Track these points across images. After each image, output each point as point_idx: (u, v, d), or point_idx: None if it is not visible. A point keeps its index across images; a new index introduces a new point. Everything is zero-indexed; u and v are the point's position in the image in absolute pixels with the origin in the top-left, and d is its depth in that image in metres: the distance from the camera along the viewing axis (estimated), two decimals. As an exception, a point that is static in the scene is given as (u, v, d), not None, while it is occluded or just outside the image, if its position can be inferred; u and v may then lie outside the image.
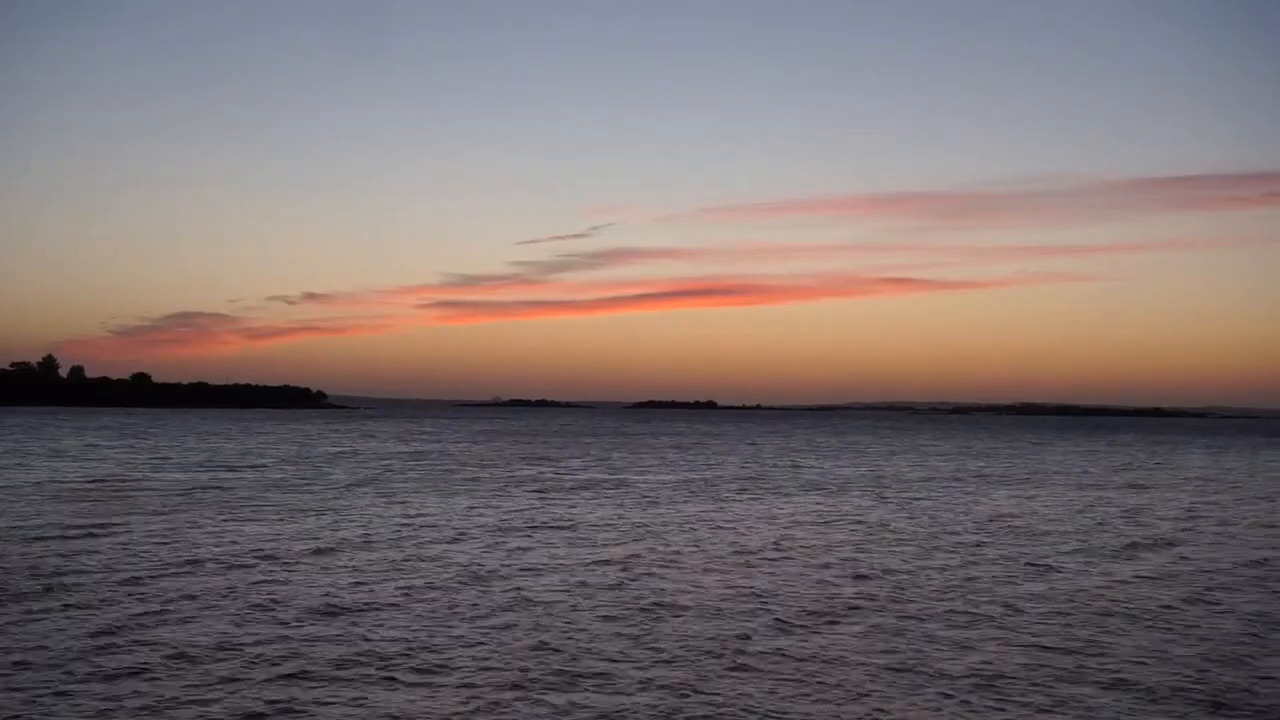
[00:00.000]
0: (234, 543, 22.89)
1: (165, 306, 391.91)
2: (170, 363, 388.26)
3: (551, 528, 26.97)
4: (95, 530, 24.30)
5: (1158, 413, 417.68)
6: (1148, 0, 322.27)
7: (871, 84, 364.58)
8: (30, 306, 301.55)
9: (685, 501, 35.10)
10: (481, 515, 29.56)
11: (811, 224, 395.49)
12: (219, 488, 36.73)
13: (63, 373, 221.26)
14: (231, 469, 46.52)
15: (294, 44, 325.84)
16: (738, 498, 37.01)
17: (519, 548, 23.13)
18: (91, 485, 36.41)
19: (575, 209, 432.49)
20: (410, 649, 13.69)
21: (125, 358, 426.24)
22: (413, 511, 30.17)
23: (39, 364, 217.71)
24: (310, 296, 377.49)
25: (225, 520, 27.05)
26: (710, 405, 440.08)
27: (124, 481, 38.27)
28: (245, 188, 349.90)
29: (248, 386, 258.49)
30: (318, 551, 21.89)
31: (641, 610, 16.48)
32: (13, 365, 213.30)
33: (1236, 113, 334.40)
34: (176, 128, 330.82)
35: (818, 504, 35.05)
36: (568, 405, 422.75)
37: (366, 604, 16.54)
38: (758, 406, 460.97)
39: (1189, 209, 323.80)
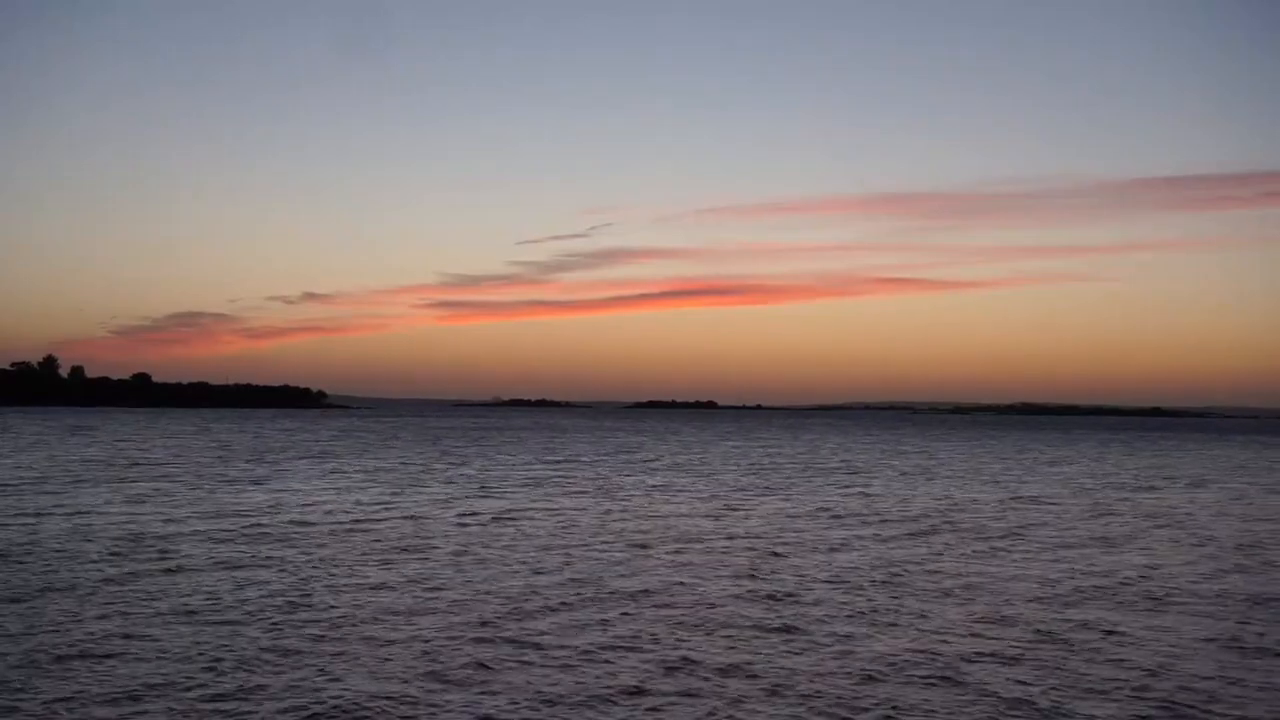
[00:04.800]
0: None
1: (165, 306, 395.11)
2: (171, 363, 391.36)
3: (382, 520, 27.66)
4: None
5: (1157, 412, 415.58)
6: (1147, 0, 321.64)
7: (871, 84, 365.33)
8: (30, 306, 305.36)
9: (571, 497, 35.79)
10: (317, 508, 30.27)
11: (811, 224, 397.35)
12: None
13: (63, 373, 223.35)
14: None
15: (294, 44, 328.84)
16: (634, 492, 37.71)
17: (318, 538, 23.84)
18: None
19: (575, 209, 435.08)
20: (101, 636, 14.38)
21: (125, 358, 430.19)
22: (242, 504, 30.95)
23: (39, 364, 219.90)
24: (310, 296, 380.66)
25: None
26: (710, 405, 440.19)
27: None
28: (245, 188, 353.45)
29: (248, 386, 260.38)
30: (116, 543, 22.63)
31: (376, 609, 17.16)
32: (13, 365, 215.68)
33: (1236, 113, 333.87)
34: (176, 128, 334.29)
35: (695, 499, 35.69)
36: (568, 405, 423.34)
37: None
38: (758, 406, 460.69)
39: (1189, 209, 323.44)
